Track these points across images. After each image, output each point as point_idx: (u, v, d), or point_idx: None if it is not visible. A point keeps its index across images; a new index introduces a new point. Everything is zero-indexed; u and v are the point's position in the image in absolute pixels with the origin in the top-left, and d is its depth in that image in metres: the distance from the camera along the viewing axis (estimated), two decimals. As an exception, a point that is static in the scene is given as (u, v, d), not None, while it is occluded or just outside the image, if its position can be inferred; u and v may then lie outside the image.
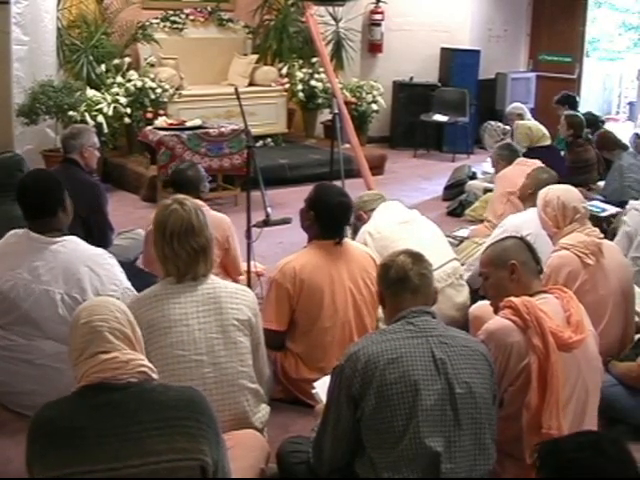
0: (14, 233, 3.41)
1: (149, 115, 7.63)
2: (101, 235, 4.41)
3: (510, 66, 10.78)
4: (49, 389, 3.04)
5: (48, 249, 3.31)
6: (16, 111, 6.90)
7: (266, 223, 4.43)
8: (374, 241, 4.15)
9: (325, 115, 9.08)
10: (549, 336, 2.64)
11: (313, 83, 8.86)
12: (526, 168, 5.13)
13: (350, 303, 3.66)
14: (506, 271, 2.85)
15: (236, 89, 4.81)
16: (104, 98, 7.32)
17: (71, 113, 6.95)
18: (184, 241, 2.82)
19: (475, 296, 4.04)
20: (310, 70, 8.94)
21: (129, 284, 3.42)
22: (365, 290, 3.69)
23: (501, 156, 5.93)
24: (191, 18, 8.63)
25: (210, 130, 7.07)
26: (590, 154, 7.11)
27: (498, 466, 2.56)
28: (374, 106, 9.38)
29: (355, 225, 4.46)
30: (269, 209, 4.41)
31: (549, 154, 6.28)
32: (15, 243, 3.38)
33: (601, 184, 6.80)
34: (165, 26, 8.44)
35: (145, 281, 3.67)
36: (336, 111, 5.51)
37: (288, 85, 8.85)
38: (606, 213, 5.76)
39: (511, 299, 2.74)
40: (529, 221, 4.32)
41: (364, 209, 4.42)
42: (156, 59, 8.14)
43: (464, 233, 5.71)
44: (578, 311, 2.79)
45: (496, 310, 2.85)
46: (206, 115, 7.77)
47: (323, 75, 8.62)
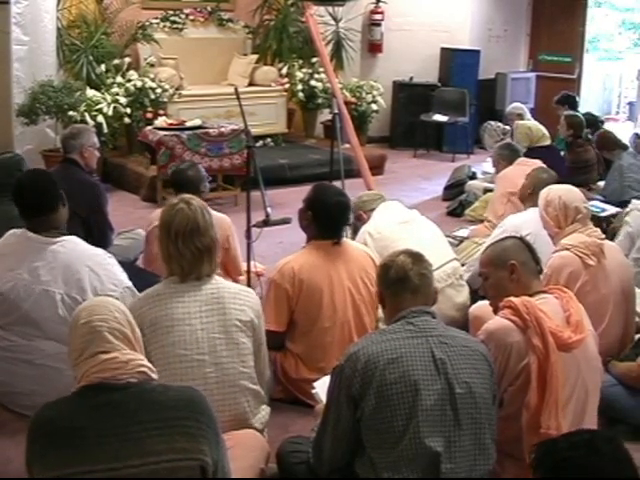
0: (12, 233, 3.41)
1: (149, 115, 7.63)
2: (101, 235, 4.41)
3: (510, 66, 10.77)
4: (49, 389, 3.03)
5: (47, 249, 3.31)
6: (16, 111, 6.90)
7: (266, 223, 4.43)
8: (374, 241, 4.15)
9: (325, 115, 9.07)
10: (549, 336, 2.64)
11: (313, 83, 8.86)
12: (527, 168, 5.10)
13: (349, 303, 3.66)
14: (506, 271, 2.85)
15: (236, 89, 4.81)
16: (104, 98, 7.31)
17: (71, 113, 6.95)
18: (189, 241, 2.81)
19: (475, 296, 4.04)
20: (310, 70, 8.93)
21: (129, 283, 3.42)
22: (364, 290, 3.69)
23: (502, 156, 5.91)
24: (191, 18, 8.63)
25: (210, 130, 7.07)
26: (590, 154, 7.11)
27: (498, 466, 2.56)
28: (374, 106, 9.38)
29: (355, 225, 4.46)
30: (269, 209, 4.41)
31: (549, 154, 6.27)
32: (14, 243, 3.37)
33: (601, 184, 6.80)
34: (165, 26, 8.44)
35: (145, 281, 3.66)
36: (336, 111, 5.50)
37: (288, 85, 8.85)
38: (606, 213, 5.76)
39: (511, 299, 2.74)
40: (529, 221, 4.32)
41: (364, 209, 4.42)
42: (156, 59, 8.14)
43: (464, 233, 5.70)
44: (578, 311, 2.79)
45: (496, 310, 2.85)
46: (206, 115, 7.77)
47: (323, 75, 8.61)
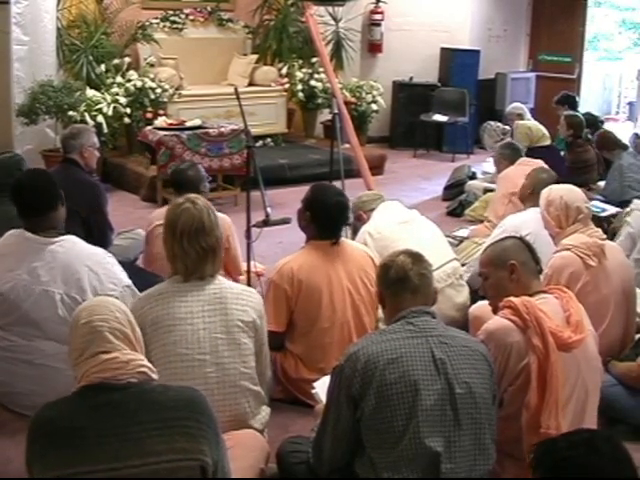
0: (11, 234, 3.40)
1: (149, 115, 7.63)
2: (101, 235, 4.41)
3: (510, 66, 10.77)
4: (49, 389, 3.03)
5: (46, 249, 3.31)
6: (16, 111, 6.90)
7: (266, 223, 4.43)
8: (374, 241, 4.15)
9: (325, 115, 9.07)
10: (549, 336, 2.64)
11: (313, 83, 8.86)
12: (528, 168, 5.06)
13: (348, 303, 3.66)
14: (506, 271, 2.85)
15: (236, 89, 4.81)
16: (104, 98, 7.31)
17: (71, 113, 6.95)
18: (194, 240, 2.82)
19: (475, 296, 4.04)
20: (310, 70, 8.93)
21: (129, 282, 3.42)
22: (363, 290, 3.69)
23: (503, 155, 5.87)
24: (191, 18, 8.63)
25: (210, 130, 7.07)
26: (590, 154, 7.11)
27: (498, 466, 2.56)
28: (374, 106, 9.38)
29: (355, 226, 4.45)
30: (269, 209, 4.41)
31: (549, 154, 6.27)
32: (13, 244, 3.37)
33: (601, 184, 6.80)
34: (165, 26, 8.44)
35: (145, 280, 3.67)
36: (336, 111, 5.50)
37: (288, 85, 8.85)
38: (606, 213, 5.76)
39: (511, 299, 2.74)
40: (529, 221, 4.31)
41: (363, 209, 4.42)
42: (156, 59, 8.14)
43: (464, 233, 5.69)
44: (578, 311, 2.79)
45: (495, 310, 2.85)
46: (206, 115, 7.77)
47: (323, 75, 8.61)
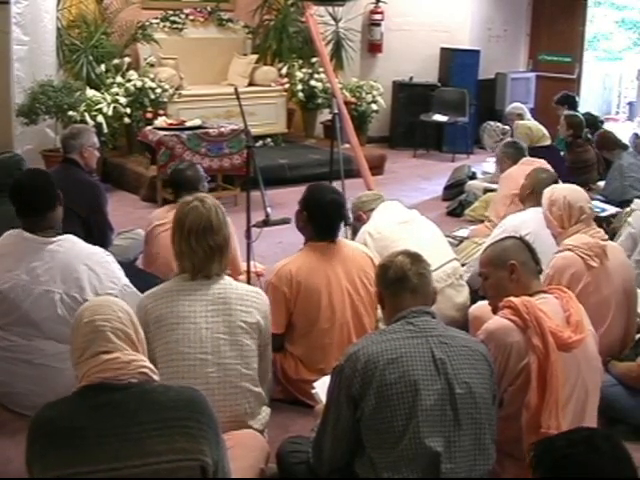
0: (9, 234, 3.41)
1: (149, 115, 7.62)
2: (101, 235, 4.41)
3: (510, 66, 10.77)
4: (48, 389, 3.04)
5: (45, 249, 3.31)
6: (16, 111, 6.90)
7: (266, 223, 4.43)
8: (374, 241, 4.15)
9: (325, 115, 9.07)
10: (549, 336, 2.64)
11: (313, 83, 8.86)
12: (530, 168, 4.99)
13: (348, 304, 3.65)
14: (505, 271, 2.85)
15: (236, 89, 4.80)
16: (104, 98, 7.31)
17: (71, 113, 6.95)
18: (202, 239, 2.82)
19: (475, 296, 4.04)
20: (310, 70, 8.93)
21: (127, 281, 3.42)
22: (362, 290, 3.68)
23: (506, 154, 5.79)
24: (191, 18, 8.63)
25: (210, 130, 7.07)
26: (590, 154, 7.11)
27: (498, 466, 2.56)
28: (374, 106, 9.38)
29: (354, 226, 4.46)
30: (269, 209, 4.41)
31: (549, 154, 6.25)
32: (11, 244, 3.37)
33: (601, 184, 6.79)
34: (165, 26, 8.44)
35: (145, 281, 3.67)
36: (336, 111, 5.49)
37: (288, 85, 8.85)
38: (606, 213, 5.75)
39: (511, 299, 2.74)
40: (528, 221, 4.31)
41: (363, 209, 4.42)
42: (156, 59, 8.13)
43: (464, 233, 5.69)
44: (578, 311, 2.79)
45: (495, 310, 2.85)
46: (206, 115, 7.77)
47: (323, 75, 8.61)
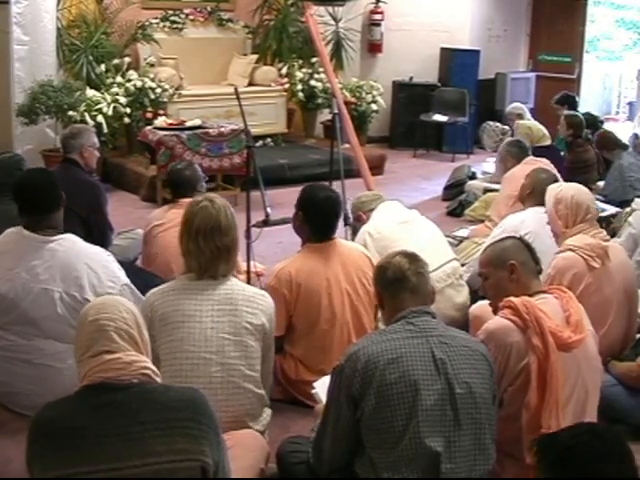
0: (9, 232, 3.41)
1: (149, 115, 7.62)
2: (101, 235, 4.41)
3: (510, 66, 10.77)
4: (48, 389, 3.04)
5: (45, 248, 3.31)
6: (16, 111, 6.90)
7: (266, 223, 4.43)
8: (374, 241, 4.14)
9: (325, 115, 9.07)
10: (548, 336, 2.64)
11: (313, 83, 8.86)
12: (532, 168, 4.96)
13: (347, 305, 3.65)
14: (505, 271, 2.85)
15: (236, 89, 4.80)
16: (104, 98, 7.31)
17: (71, 113, 6.95)
18: (210, 239, 2.83)
19: (475, 296, 4.04)
20: (310, 70, 8.93)
21: (127, 280, 3.42)
22: (362, 290, 3.68)
23: (510, 153, 5.75)
24: (191, 18, 8.63)
25: (210, 130, 7.07)
26: (590, 154, 7.11)
27: (498, 466, 2.56)
28: (374, 106, 9.37)
29: (354, 226, 4.46)
30: (269, 209, 4.41)
31: (549, 154, 6.25)
32: (11, 242, 3.37)
33: (601, 184, 6.80)
34: (165, 26, 8.44)
35: (145, 280, 3.67)
36: (336, 111, 5.49)
37: (288, 85, 8.84)
38: (606, 213, 5.75)
39: (510, 299, 2.74)
40: (528, 220, 4.32)
41: (363, 210, 4.41)
42: (156, 59, 8.13)
43: (464, 233, 5.68)
44: (577, 311, 2.79)
45: (495, 310, 2.85)
46: (206, 115, 7.77)
47: (323, 75, 8.61)
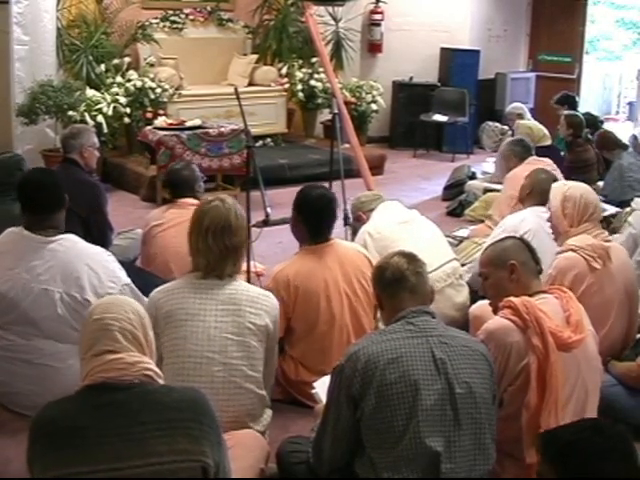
0: (10, 232, 3.40)
1: (149, 115, 7.62)
2: (101, 235, 4.40)
3: (510, 66, 10.77)
4: (48, 389, 3.04)
5: (46, 248, 3.30)
6: (16, 111, 6.90)
7: (266, 223, 4.43)
8: (374, 241, 4.14)
9: (325, 115, 9.07)
10: (548, 336, 2.64)
11: (313, 83, 8.86)
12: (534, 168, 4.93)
13: (346, 306, 3.64)
14: (506, 271, 2.85)
15: (236, 89, 4.80)
16: (104, 98, 7.31)
17: (71, 113, 6.94)
18: (219, 238, 2.85)
19: (475, 296, 4.04)
20: (310, 70, 8.93)
21: (128, 280, 3.42)
22: (360, 290, 3.67)
23: (513, 152, 5.70)
24: (191, 18, 8.63)
25: (210, 130, 7.07)
26: (590, 154, 7.11)
27: (498, 466, 2.56)
28: (374, 106, 9.37)
29: (354, 226, 4.46)
30: (269, 209, 4.41)
31: (549, 154, 6.25)
32: (11, 242, 3.36)
33: (601, 184, 6.79)
34: (165, 26, 8.44)
35: (145, 281, 3.67)
36: (336, 111, 5.48)
37: (288, 85, 8.84)
38: (606, 213, 5.73)
39: (510, 299, 2.74)
40: (527, 218, 4.32)
41: (363, 210, 4.41)
42: (156, 59, 8.13)
43: (464, 233, 5.68)
44: (578, 311, 2.79)
45: (495, 310, 2.86)
46: (206, 115, 7.77)
47: (323, 75, 8.61)
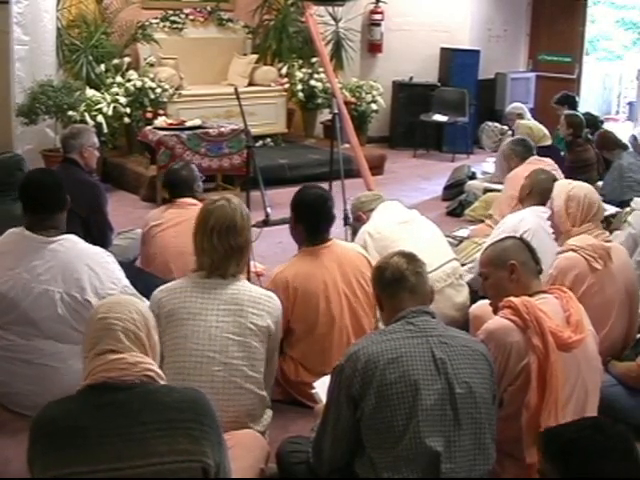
0: (11, 232, 3.40)
1: (149, 115, 7.62)
2: (101, 235, 4.40)
3: (510, 66, 10.77)
4: (47, 389, 3.04)
5: (47, 248, 3.30)
6: (16, 111, 6.90)
7: (266, 223, 4.44)
8: (374, 241, 4.14)
9: (325, 115, 9.07)
10: (549, 336, 2.64)
11: (313, 83, 8.86)
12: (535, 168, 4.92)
13: (346, 307, 3.64)
14: (506, 271, 2.85)
15: (236, 89, 4.81)
16: (104, 98, 7.31)
17: (71, 113, 6.94)
18: (224, 237, 2.86)
19: (475, 296, 4.04)
20: (310, 70, 8.93)
21: (128, 282, 3.42)
22: (360, 291, 3.67)
23: (514, 151, 5.70)
24: (191, 18, 8.63)
25: (210, 130, 7.07)
26: (590, 153, 7.11)
27: (498, 466, 2.56)
28: (374, 106, 9.37)
29: (354, 226, 4.46)
30: (269, 209, 4.42)
31: (550, 154, 6.25)
32: (12, 242, 3.36)
33: (600, 184, 6.79)
34: (165, 26, 8.44)
35: (145, 281, 3.67)
36: (336, 111, 5.49)
37: (288, 85, 8.84)
38: (606, 213, 5.72)
39: (511, 299, 2.74)
40: (526, 218, 4.32)
41: (362, 210, 4.41)
42: (156, 59, 8.13)
43: (464, 233, 5.68)
44: (578, 311, 2.79)
45: (495, 310, 2.85)
46: (206, 115, 7.77)
47: (323, 75, 8.61)
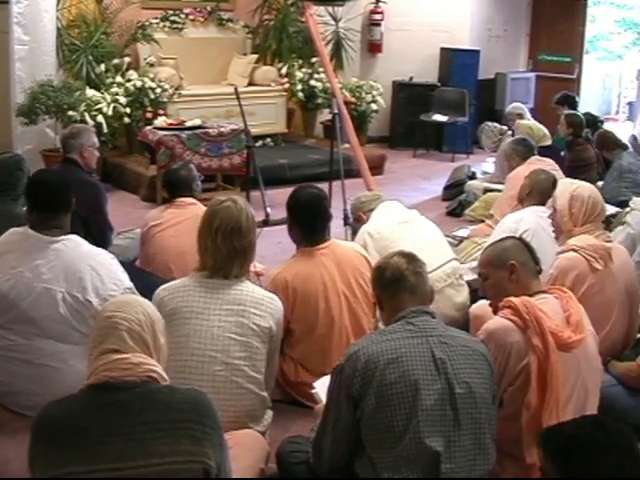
0: (14, 231, 3.40)
1: (149, 115, 7.62)
2: (101, 235, 4.41)
3: (510, 66, 10.78)
4: (48, 389, 3.04)
5: (49, 248, 3.30)
6: (16, 111, 6.90)
7: (266, 223, 4.45)
8: (374, 241, 4.14)
9: (325, 115, 9.07)
10: (549, 336, 2.64)
11: (313, 83, 8.86)
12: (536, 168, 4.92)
13: (345, 307, 3.63)
14: (505, 271, 2.85)
15: (236, 89, 4.82)
16: (104, 98, 7.31)
17: (71, 113, 6.94)
18: (228, 238, 2.87)
19: (475, 296, 4.03)
20: (310, 70, 8.93)
21: (131, 284, 3.42)
22: (359, 291, 3.66)
23: (515, 151, 5.72)
24: (191, 18, 8.63)
25: (210, 130, 7.07)
26: (590, 153, 7.11)
27: (498, 466, 2.56)
28: (374, 106, 9.38)
29: (354, 226, 4.46)
30: (269, 209, 4.42)
31: (550, 154, 6.26)
32: (15, 241, 3.36)
33: (600, 184, 6.79)
34: (165, 26, 8.44)
35: (145, 281, 3.67)
36: (336, 111, 5.50)
37: (288, 85, 8.84)
38: (606, 213, 5.73)
39: (510, 299, 2.74)
40: (526, 218, 4.33)
41: (362, 210, 4.41)
42: (156, 59, 8.14)
43: (464, 233, 5.68)
44: (578, 311, 2.79)
45: (495, 310, 2.85)
46: (206, 115, 7.77)
47: (323, 75, 8.61)
